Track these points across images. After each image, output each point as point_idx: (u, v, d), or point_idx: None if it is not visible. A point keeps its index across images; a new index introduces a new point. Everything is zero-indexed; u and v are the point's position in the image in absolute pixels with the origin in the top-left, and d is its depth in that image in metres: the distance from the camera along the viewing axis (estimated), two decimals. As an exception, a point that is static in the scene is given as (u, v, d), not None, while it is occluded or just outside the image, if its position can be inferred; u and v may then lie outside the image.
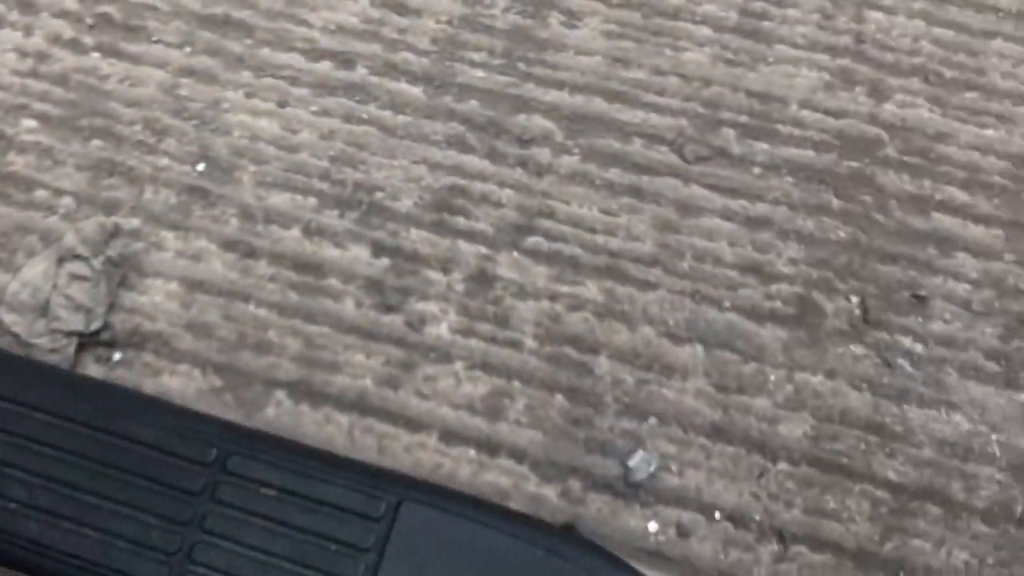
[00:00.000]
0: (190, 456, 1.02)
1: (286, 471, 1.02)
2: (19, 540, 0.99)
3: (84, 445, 1.02)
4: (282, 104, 1.34)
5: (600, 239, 1.26)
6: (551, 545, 1.00)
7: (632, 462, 1.13)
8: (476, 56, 1.38)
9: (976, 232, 1.25)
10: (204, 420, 1.07)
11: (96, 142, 1.32)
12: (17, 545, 0.99)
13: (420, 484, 1.05)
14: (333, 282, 1.23)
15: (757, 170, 1.30)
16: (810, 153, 1.31)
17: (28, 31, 1.39)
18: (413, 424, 1.16)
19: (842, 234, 1.25)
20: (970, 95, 1.35)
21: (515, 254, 1.24)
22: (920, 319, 1.20)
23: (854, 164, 1.30)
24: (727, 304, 1.22)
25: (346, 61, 1.38)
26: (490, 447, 1.15)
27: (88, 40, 1.39)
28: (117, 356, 1.18)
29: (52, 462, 1.01)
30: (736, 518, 1.12)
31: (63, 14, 1.40)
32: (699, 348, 1.19)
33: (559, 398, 1.17)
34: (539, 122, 1.33)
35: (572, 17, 1.40)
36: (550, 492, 1.13)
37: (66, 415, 1.03)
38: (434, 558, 0.98)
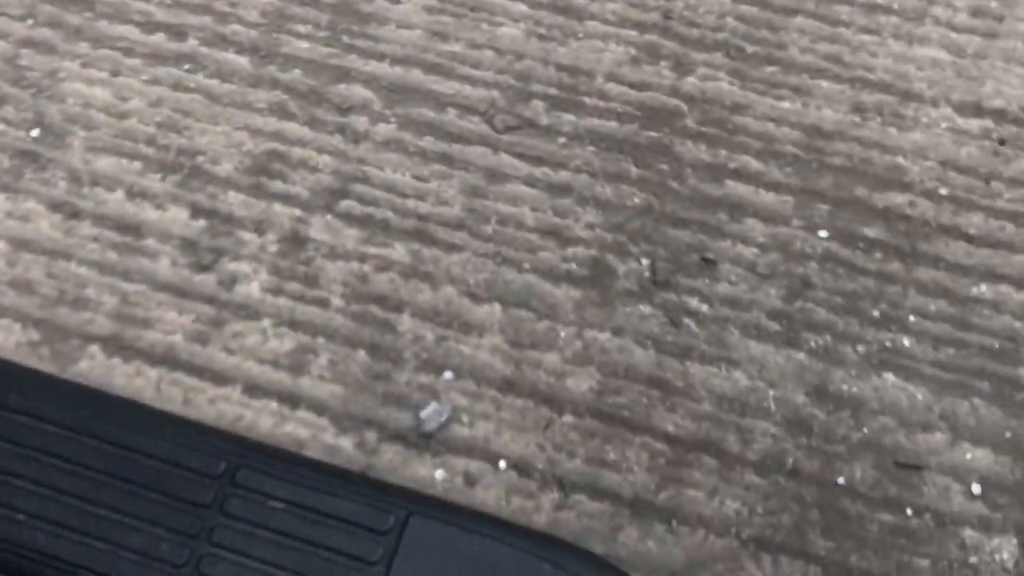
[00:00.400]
0: (199, 468, 0.98)
1: (294, 484, 0.98)
2: (27, 551, 0.96)
3: (93, 457, 0.98)
4: (115, 73, 1.34)
5: (411, 203, 1.25)
6: (556, 559, 0.97)
7: (424, 413, 1.13)
8: (302, 28, 1.37)
9: (767, 199, 1.26)
10: (213, 433, 1.04)
11: (-64, 108, 1.31)
12: (25, 556, 0.96)
13: (428, 499, 1.02)
14: (151, 242, 1.22)
15: (562, 140, 1.30)
16: (613, 124, 1.31)
17: None
18: (219, 378, 1.15)
19: (637, 200, 1.25)
20: (769, 69, 1.35)
21: (328, 217, 1.24)
22: (707, 281, 1.21)
23: (654, 134, 1.30)
24: (526, 266, 1.22)
25: (179, 33, 1.37)
26: (292, 400, 1.14)
27: (-66, 11, 1.38)
28: (-59, 312, 1.18)
29: (61, 474, 0.98)
30: (520, 467, 1.12)
31: (-90, -15, 1.39)
32: (497, 307, 1.19)
33: (361, 354, 1.17)
34: (359, 91, 1.33)
35: (396, -8, 1.40)
36: (346, 443, 1.12)
37: (76, 427, 1.00)
38: (441, 571, 0.95)
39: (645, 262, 1.21)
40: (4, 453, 0.98)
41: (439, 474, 1.10)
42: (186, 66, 1.33)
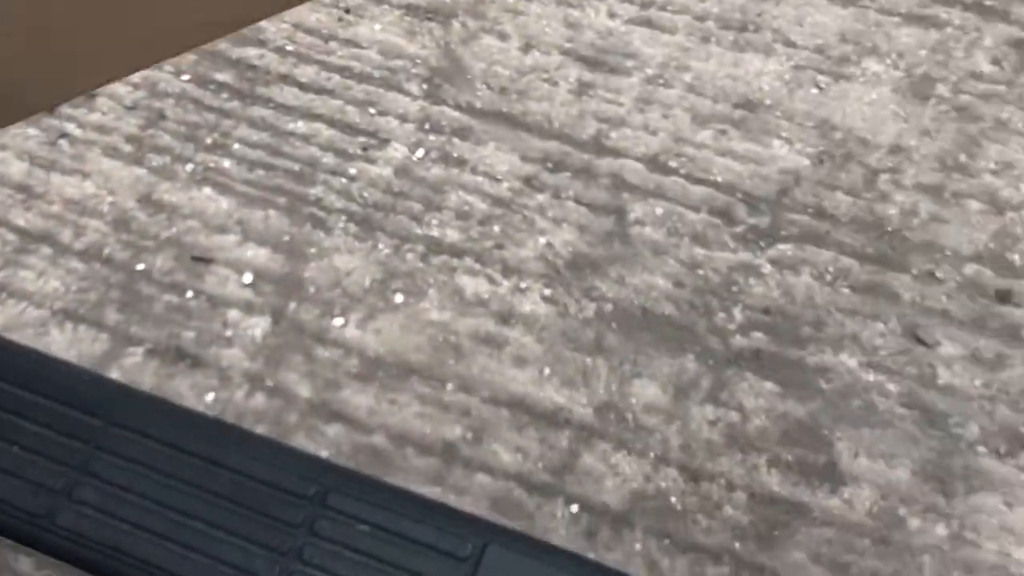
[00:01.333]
0: (292, 490, 0.97)
1: (381, 509, 0.96)
2: (130, 559, 0.94)
3: (195, 475, 0.97)
4: None
5: None
6: (625, 595, 0.93)
7: None
8: None
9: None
10: (307, 457, 1.04)
11: None
12: (128, 564, 0.94)
13: (505, 530, 1.00)
14: None
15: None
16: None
17: None
18: None
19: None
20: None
21: None
22: (85, 111, 1.35)
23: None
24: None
25: None
26: None
27: None
28: None
29: (165, 489, 0.97)
30: None
31: None
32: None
33: None
34: None
35: None
36: None
37: (179, 446, 0.99)
38: (516, 599, 0.92)
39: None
40: (113, 467, 0.98)
41: None
42: None
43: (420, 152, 1.32)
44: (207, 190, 1.29)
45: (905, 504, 1.13)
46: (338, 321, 1.23)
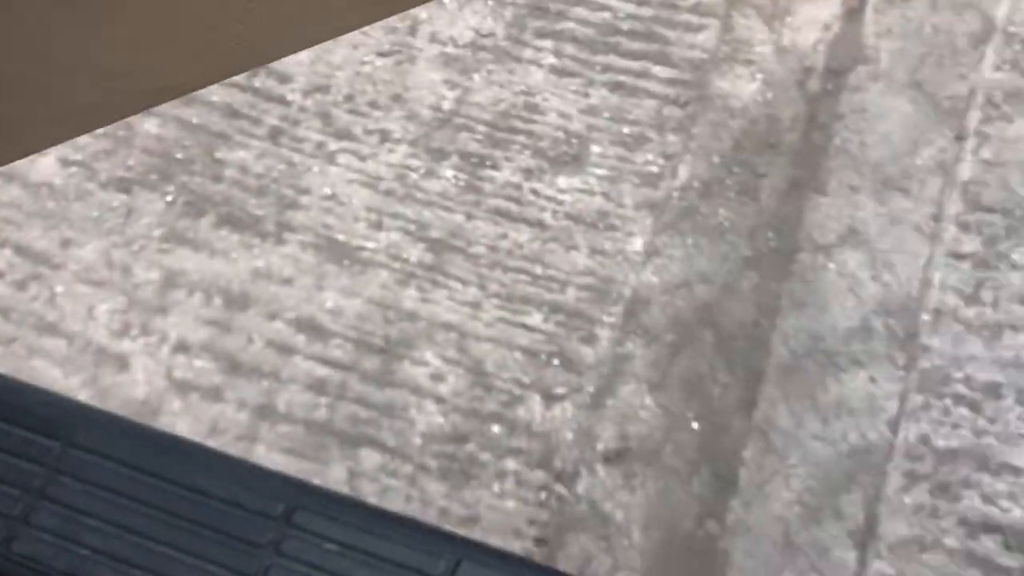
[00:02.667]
0: (258, 509, 0.85)
1: (349, 527, 0.85)
2: None
3: (156, 495, 0.85)
4: None
5: None
6: (601, 612, 0.86)
7: None
8: None
9: None
10: (272, 476, 0.91)
11: None
12: None
13: (478, 545, 0.91)
14: None
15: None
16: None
17: None
18: None
19: None
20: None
21: None
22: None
23: None
24: None
25: None
26: None
27: None
28: None
29: (125, 511, 0.85)
30: None
31: None
32: None
33: None
34: None
35: None
36: None
37: (140, 466, 0.86)
38: (490, 618, 0.83)
39: None
40: (71, 490, 0.86)
41: None
42: None
43: None
44: None
45: None
46: None
